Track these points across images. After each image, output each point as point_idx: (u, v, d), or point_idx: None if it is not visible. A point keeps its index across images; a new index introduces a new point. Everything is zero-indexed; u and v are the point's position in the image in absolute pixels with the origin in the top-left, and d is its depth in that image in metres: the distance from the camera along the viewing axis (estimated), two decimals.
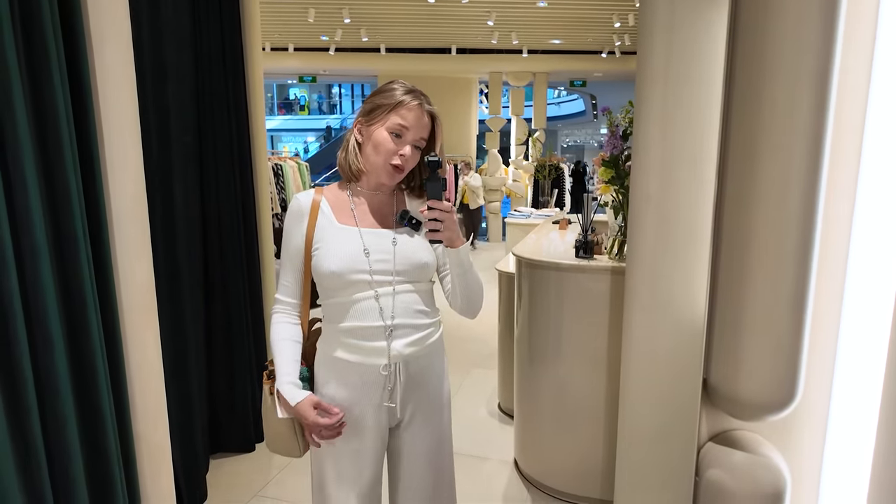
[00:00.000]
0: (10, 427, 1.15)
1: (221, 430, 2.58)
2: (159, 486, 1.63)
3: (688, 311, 1.55)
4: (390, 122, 1.16)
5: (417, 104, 1.17)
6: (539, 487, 2.38)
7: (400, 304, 1.20)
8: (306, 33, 7.90)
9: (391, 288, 1.19)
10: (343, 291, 1.19)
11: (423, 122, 1.19)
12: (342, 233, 1.20)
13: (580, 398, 2.23)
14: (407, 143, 1.18)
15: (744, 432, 1.23)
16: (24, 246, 1.18)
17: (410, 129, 1.17)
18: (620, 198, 2.11)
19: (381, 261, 1.19)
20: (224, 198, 2.42)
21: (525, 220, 5.71)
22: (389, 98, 1.17)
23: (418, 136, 1.19)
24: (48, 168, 1.24)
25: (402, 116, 1.16)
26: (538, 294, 2.30)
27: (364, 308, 1.18)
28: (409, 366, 1.23)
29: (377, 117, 1.18)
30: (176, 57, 2.10)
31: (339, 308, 1.20)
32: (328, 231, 1.20)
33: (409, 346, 1.21)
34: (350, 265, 1.17)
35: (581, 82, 11.02)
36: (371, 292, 1.18)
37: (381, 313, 1.18)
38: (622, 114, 2.03)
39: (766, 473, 1.14)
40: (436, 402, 1.30)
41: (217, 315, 2.47)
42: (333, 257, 1.17)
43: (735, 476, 1.14)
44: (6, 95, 1.12)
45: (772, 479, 1.13)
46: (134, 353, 1.52)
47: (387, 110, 1.17)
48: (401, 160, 1.18)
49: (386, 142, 1.17)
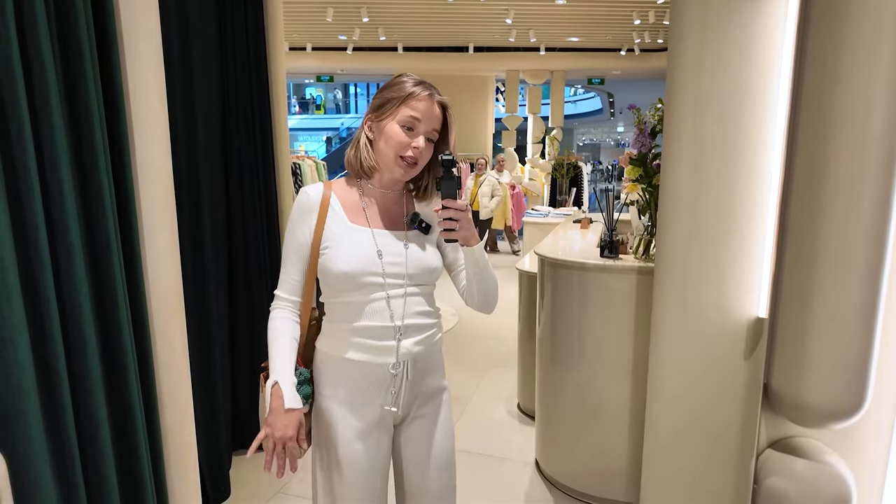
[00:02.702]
0: (46, 426, 1.16)
1: (244, 428, 2.60)
2: (186, 483, 1.64)
3: (719, 313, 1.52)
4: (401, 115, 1.15)
5: (428, 95, 1.16)
6: (561, 489, 2.36)
7: (409, 306, 1.20)
8: (324, 32, 7.94)
9: (402, 290, 1.19)
10: (353, 292, 1.18)
11: (435, 113, 1.17)
12: (355, 233, 1.19)
13: (604, 400, 2.21)
14: (419, 135, 1.16)
15: (805, 439, 1.20)
16: (60, 247, 1.19)
17: (422, 120, 1.15)
18: (647, 196, 2.08)
19: (394, 263, 1.19)
20: (248, 198, 2.44)
21: (543, 219, 5.67)
22: (399, 91, 1.16)
23: (430, 128, 1.17)
24: (82, 171, 1.26)
25: (413, 108, 1.15)
26: (561, 294, 2.28)
27: (374, 309, 1.18)
28: (416, 364, 1.23)
29: (388, 111, 1.16)
30: (203, 58, 2.11)
31: (347, 308, 1.19)
32: (339, 230, 1.19)
33: (417, 345, 1.22)
34: (363, 267, 1.16)
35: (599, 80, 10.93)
36: (382, 294, 1.18)
37: (392, 315, 1.18)
38: (651, 111, 2.00)
39: (830, 482, 1.10)
40: (437, 398, 1.30)
41: (240, 316, 2.50)
42: (346, 258, 1.16)
43: (797, 484, 1.10)
44: (44, 97, 1.14)
45: (836, 487, 1.09)
46: (162, 352, 1.54)
47: (397, 103, 1.15)
48: (414, 153, 1.16)
49: (398, 135, 1.15)
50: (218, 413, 2.27)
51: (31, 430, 1.11)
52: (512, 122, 9.84)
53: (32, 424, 1.11)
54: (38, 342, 1.15)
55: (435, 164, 1.23)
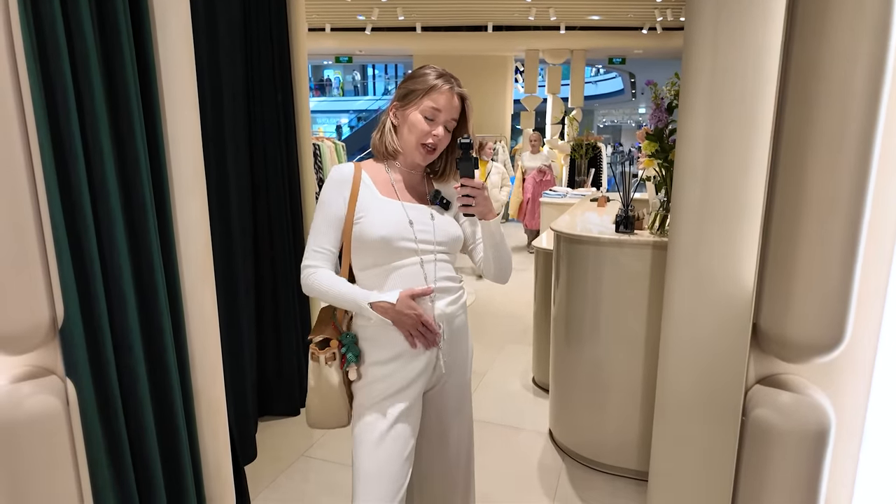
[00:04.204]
0: (94, 381, 1.26)
1: (270, 394, 2.72)
2: (217, 440, 1.74)
3: (732, 286, 1.55)
4: (424, 106, 1.26)
5: (448, 88, 1.27)
6: (573, 457, 2.43)
7: (439, 271, 1.30)
8: (343, 13, 7.95)
9: (433, 256, 1.30)
10: (388, 258, 1.27)
11: (454, 104, 1.28)
12: (387, 204, 1.29)
13: (617, 372, 2.26)
14: (439, 125, 1.28)
15: (790, 376, 1.28)
16: (101, 211, 1.27)
17: (442, 111, 1.27)
18: (663, 172, 2.09)
19: (424, 231, 1.29)
20: (272, 176, 2.52)
21: (561, 199, 5.67)
22: (422, 83, 1.27)
23: (449, 118, 1.28)
24: (120, 140, 1.33)
25: (435, 100, 1.26)
26: (577, 269, 2.32)
27: (410, 273, 1.27)
28: (451, 323, 1.33)
29: (412, 101, 1.28)
30: (228, 38, 2.18)
31: (383, 275, 1.28)
32: (372, 202, 1.28)
33: (450, 306, 1.32)
34: (397, 232, 1.26)
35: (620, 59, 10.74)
36: (416, 259, 1.28)
37: (426, 277, 1.28)
38: (668, 86, 2.01)
39: (812, 413, 1.19)
40: (465, 360, 1.41)
41: (266, 288, 2.60)
42: (381, 224, 1.26)
43: (782, 415, 1.19)
44: (85, 69, 1.21)
45: (818, 418, 1.18)
46: (193, 313, 1.62)
47: (420, 95, 1.26)
48: (434, 140, 1.27)
49: (420, 123, 1.26)
50: (245, 380, 2.37)
51: (82, 380, 1.20)
52: (531, 103, 9.76)
53: (82, 375, 1.21)
54: (84, 299, 1.24)
55: (453, 149, 1.34)
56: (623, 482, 2.27)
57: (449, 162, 1.37)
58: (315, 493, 2.22)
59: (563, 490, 2.22)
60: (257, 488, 2.20)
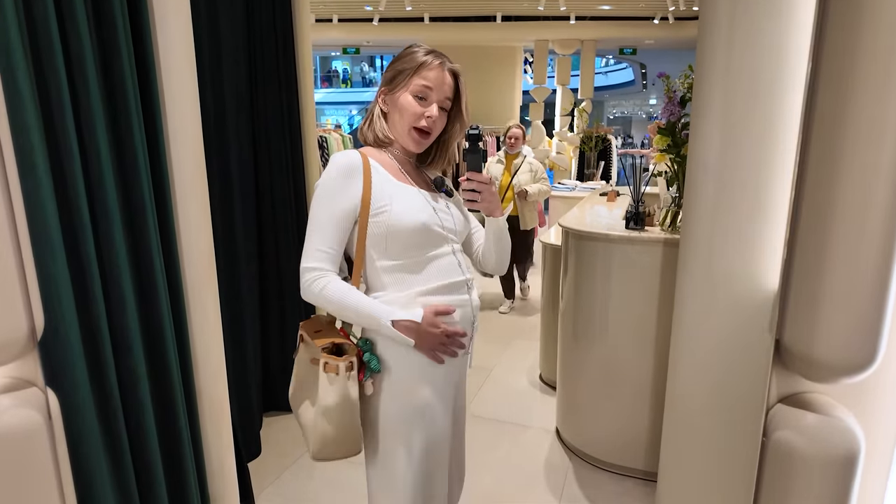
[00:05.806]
0: (91, 382, 1.24)
1: (274, 389, 2.71)
2: (220, 438, 1.73)
3: (745, 284, 1.50)
4: (414, 85, 1.15)
5: (439, 63, 1.16)
6: (581, 456, 2.40)
7: (464, 259, 1.24)
8: (350, 3, 7.86)
9: (459, 245, 1.24)
10: (422, 248, 1.16)
11: (447, 81, 1.17)
12: (407, 190, 1.17)
13: (626, 371, 2.22)
14: (432, 104, 1.16)
15: (815, 395, 1.20)
16: (99, 210, 1.25)
17: (434, 89, 1.16)
18: (676, 167, 2.04)
19: (446, 218, 1.20)
20: (276, 171, 2.49)
21: (569, 192, 5.60)
22: (410, 62, 1.16)
23: (443, 97, 1.17)
24: (118, 138, 1.30)
25: (425, 77, 1.15)
26: (586, 266, 2.28)
27: (447, 264, 1.18)
28: (477, 316, 1.27)
29: (400, 83, 1.17)
30: (230, 31, 2.14)
31: (415, 267, 1.16)
32: (391, 189, 1.15)
33: (477, 297, 1.26)
34: (432, 218, 1.15)
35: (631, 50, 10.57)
36: (448, 247, 1.19)
37: (461, 267, 1.21)
38: (681, 79, 1.95)
39: (839, 436, 1.10)
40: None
41: (270, 285, 2.58)
42: (418, 209, 1.14)
43: (806, 438, 1.11)
44: (81, 67, 1.18)
45: (845, 442, 1.10)
46: (195, 314, 1.60)
47: (409, 74, 1.16)
48: (428, 122, 1.16)
49: (412, 105, 1.16)
50: (249, 376, 2.36)
51: (78, 379, 1.18)
52: (540, 94, 9.64)
53: (79, 375, 1.19)
54: (81, 299, 1.21)
55: (448, 134, 1.25)
56: (631, 482, 2.23)
57: (440, 147, 1.26)
58: (320, 490, 2.21)
59: (570, 489, 2.20)
60: (262, 485, 2.19)
